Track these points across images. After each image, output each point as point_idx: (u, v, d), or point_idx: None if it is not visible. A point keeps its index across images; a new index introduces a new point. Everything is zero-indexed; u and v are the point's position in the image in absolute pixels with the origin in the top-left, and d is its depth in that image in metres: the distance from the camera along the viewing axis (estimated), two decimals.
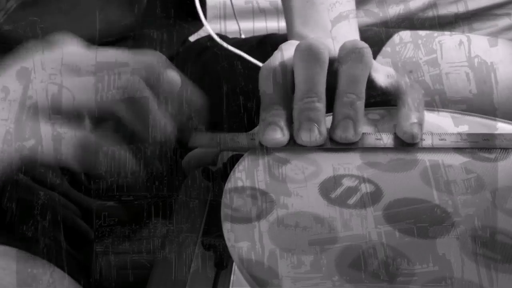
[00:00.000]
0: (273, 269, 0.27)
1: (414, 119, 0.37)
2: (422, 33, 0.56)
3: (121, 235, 0.51)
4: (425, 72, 0.52)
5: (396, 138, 0.38)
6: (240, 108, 0.53)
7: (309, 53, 0.37)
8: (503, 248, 0.29)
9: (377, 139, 0.38)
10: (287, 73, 0.38)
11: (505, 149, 0.37)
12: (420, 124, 0.37)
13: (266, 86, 0.38)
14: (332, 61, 0.38)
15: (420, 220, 0.31)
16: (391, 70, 0.42)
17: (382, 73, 0.41)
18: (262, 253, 0.28)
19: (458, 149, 0.37)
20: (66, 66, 0.32)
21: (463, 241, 0.29)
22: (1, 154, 0.30)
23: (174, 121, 0.34)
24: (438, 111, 0.42)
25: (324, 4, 0.50)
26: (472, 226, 0.30)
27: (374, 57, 0.53)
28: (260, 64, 0.51)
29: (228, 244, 0.29)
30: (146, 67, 0.33)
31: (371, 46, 0.39)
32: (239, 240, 0.29)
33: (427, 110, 0.42)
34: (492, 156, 0.37)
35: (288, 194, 0.33)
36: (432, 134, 0.38)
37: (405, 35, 0.56)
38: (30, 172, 0.44)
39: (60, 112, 0.31)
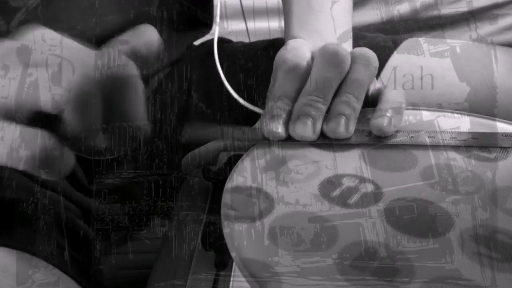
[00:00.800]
0: (273, 268, 0.27)
1: (386, 114, 0.38)
2: (430, 40, 0.56)
3: (121, 212, 0.51)
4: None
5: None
6: (243, 111, 0.53)
7: (334, 57, 0.38)
8: (503, 248, 0.29)
9: (366, 135, 0.38)
10: (304, 72, 0.39)
11: (505, 149, 0.37)
12: (391, 118, 0.38)
13: (279, 78, 0.39)
14: None
15: (420, 220, 0.31)
16: (379, 83, 0.43)
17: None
18: (262, 252, 0.28)
19: (458, 149, 0.37)
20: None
21: (463, 241, 0.29)
22: (1, 132, 0.30)
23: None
24: (438, 111, 0.42)
25: (322, 12, 0.51)
26: (472, 226, 0.30)
27: (382, 66, 0.53)
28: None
29: (228, 244, 0.29)
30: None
31: (378, 54, 0.40)
32: (239, 239, 0.29)
33: (428, 110, 0.42)
34: (492, 156, 0.37)
35: (288, 193, 0.33)
36: (421, 131, 0.38)
37: (413, 42, 0.56)
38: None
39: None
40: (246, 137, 0.38)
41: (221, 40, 0.67)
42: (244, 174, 0.35)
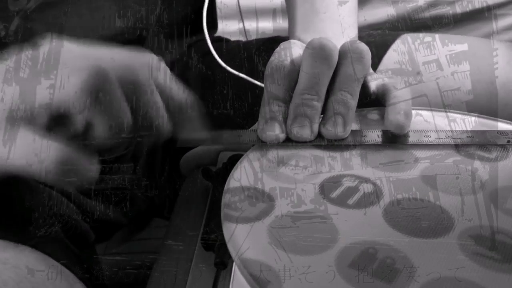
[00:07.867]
0: (273, 268, 0.27)
1: (400, 110, 0.38)
2: (427, 36, 0.56)
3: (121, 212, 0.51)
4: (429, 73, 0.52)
5: (383, 134, 0.38)
6: (236, 113, 0.53)
7: (320, 51, 0.37)
8: (503, 248, 0.29)
9: (363, 136, 0.38)
10: (292, 70, 0.38)
11: (505, 149, 0.37)
12: (407, 115, 0.38)
13: (269, 82, 0.38)
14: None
15: (420, 220, 0.31)
16: (380, 75, 0.42)
17: (374, 76, 0.42)
18: (262, 252, 0.28)
19: (458, 149, 0.37)
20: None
21: (463, 241, 0.29)
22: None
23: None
24: (439, 111, 0.42)
25: (326, 14, 0.50)
26: (472, 226, 0.30)
27: (379, 60, 0.53)
28: (245, 77, 0.52)
29: (228, 244, 0.29)
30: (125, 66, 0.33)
31: (376, 48, 0.39)
32: (239, 240, 0.29)
33: (429, 110, 0.42)
34: (492, 156, 0.37)
35: (288, 193, 0.33)
36: (416, 131, 0.38)
37: (410, 37, 0.56)
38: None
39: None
40: (243, 140, 0.38)
41: (218, 39, 0.67)
42: (244, 174, 0.35)
